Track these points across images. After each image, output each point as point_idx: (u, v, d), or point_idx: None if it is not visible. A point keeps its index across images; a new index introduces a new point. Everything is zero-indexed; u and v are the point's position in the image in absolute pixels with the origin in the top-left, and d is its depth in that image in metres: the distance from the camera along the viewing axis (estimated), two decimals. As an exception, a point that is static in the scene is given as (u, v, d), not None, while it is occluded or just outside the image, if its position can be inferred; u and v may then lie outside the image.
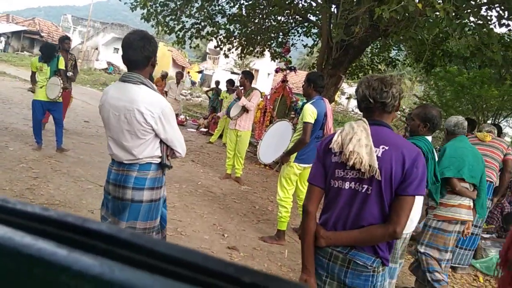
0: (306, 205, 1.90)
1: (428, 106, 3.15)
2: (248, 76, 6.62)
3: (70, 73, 6.79)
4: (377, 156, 1.73)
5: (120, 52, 2.30)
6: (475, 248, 4.82)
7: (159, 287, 0.24)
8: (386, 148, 1.74)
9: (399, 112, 18.84)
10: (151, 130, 2.22)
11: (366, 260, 1.78)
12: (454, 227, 3.52)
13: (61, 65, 6.00)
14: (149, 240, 0.28)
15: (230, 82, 10.51)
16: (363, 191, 1.75)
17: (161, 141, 2.31)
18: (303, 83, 4.31)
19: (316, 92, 4.20)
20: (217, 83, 13.25)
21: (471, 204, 3.55)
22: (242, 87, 6.56)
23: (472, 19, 5.98)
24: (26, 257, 0.26)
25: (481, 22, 5.76)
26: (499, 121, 11.76)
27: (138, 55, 2.21)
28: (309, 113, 4.00)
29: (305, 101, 6.09)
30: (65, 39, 7.04)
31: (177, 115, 10.33)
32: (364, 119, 1.85)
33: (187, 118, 13.37)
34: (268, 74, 33.18)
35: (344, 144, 1.78)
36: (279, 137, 4.92)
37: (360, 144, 1.74)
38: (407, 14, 5.37)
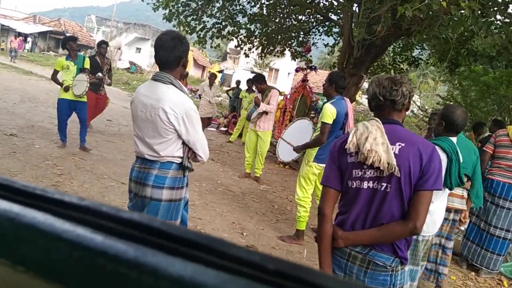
0: (322, 208, 1.90)
1: (452, 105, 3.12)
2: (259, 80, 6.58)
3: (104, 78, 6.95)
4: (394, 153, 1.74)
5: (143, 51, 2.37)
6: (503, 254, 4.66)
7: (188, 271, 0.25)
8: (403, 145, 1.75)
9: (421, 112, 18.54)
10: (173, 130, 2.26)
11: (385, 260, 1.77)
12: (448, 215, 3.56)
13: (87, 64, 6.15)
14: (178, 229, 0.30)
15: (250, 81, 10.42)
16: (382, 189, 1.76)
17: (184, 142, 2.34)
18: (324, 83, 4.29)
19: (336, 93, 4.18)
20: (238, 83, 13.29)
21: (464, 193, 3.61)
22: (259, 93, 6.55)
23: (498, 17, 5.83)
24: (67, 241, 0.28)
25: (508, 20, 5.61)
26: (527, 122, 11.40)
27: (169, 55, 2.25)
28: (328, 113, 3.98)
29: (325, 100, 6.05)
30: (102, 44, 7.21)
31: (210, 118, 10.31)
32: (377, 119, 1.86)
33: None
34: (288, 73, 33.10)
35: (360, 144, 1.78)
36: (298, 135, 4.91)
37: (376, 142, 1.75)
38: (430, 13, 5.28)
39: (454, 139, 2.93)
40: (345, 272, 1.87)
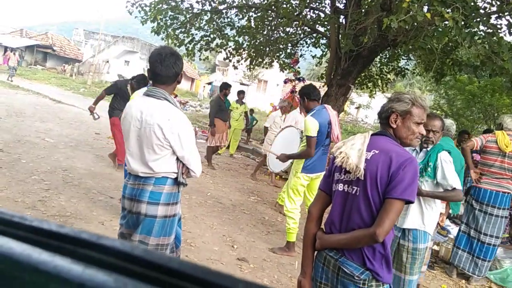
0: (309, 207, 2.02)
1: (435, 115, 3.22)
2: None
3: None
4: (366, 159, 1.79)
5: (131, 64, 2.35)
6: (492, 259, 4.71)
7: (171, 303, 0.24)
8: (376, 152, 1.80)
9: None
10: (168, 146, 2.23)
11: (353, 269, 1.76)
12: None
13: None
14: (162, 257, 0.29)
15: (240, 93, 10.35)
16: (353, 192, 1.81)
17: (178, 158, 2.31)
18: (299, 100, 4.35)
19: (314, 102, 4.20)
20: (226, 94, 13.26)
21: None
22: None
23: (481, 27, 5.96)
24: (44, 273, 0.27)
25: (491, 31, 5.73)
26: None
27: (168, 71, 2.23)
28: (311, 126, 3.99)
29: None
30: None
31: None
32: (371, 131, 1.98)
33: (197, 129, 13.44)
34: (277, 84, 33.28)
35: (339, 148, 1.91)
36: (287, 145, 4.90)
37: (352, 147, 1.83)
38: (415, 24, 5.38)
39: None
40: (322, 278, 1.88)
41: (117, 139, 6.11)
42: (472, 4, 5.39)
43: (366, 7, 7.34)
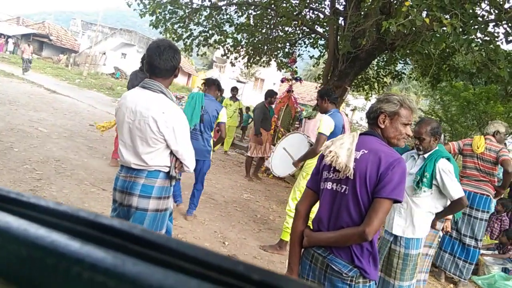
0: (297, 205, 2.04)
1: (429, 120, 3.23)
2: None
3: None
4: (355, 158, 1.81)
5: (128, 57, 2.33)
6: (475, 262, 4.78)
7: (170, 281, 0.24)
8: (366, 151, 1.82)
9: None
10: (162, 140, 2.21)
11: (342, 267, 1.78)
12: None
13: None
14: (160, 237, 0.28)
15: (233, 89, 10.33)
16: (342, 191, 1.82)
17: (171, 152, 2.30)
18: (317, 100, 4.33)
19: (332, 105, 4.19)
20: (221, 91, 13.22)
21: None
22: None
23: (479, 35, 6.00)
24: (41, 248, 0.27)
25: (488, 39, 5.78)
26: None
27: (167, 64, 2.21)
28: (326, 124, 3.97)
29: (309, 110, 6.08)
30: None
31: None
32: (359, 130, 2.00)
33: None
34: (274, 83, 33.30)
35: (328, 147, 1.92)
36: (296, 150, 4.73)
37: (342, 147, 1.85)
38: (414, 29, 5.40)
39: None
40: (309, 275, 1.90)
41: None
42: (471, 11, 5.42)
43: (366, 9, 7.36)
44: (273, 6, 9.29)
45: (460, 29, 5.15)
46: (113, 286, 0.24)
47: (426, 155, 3.05)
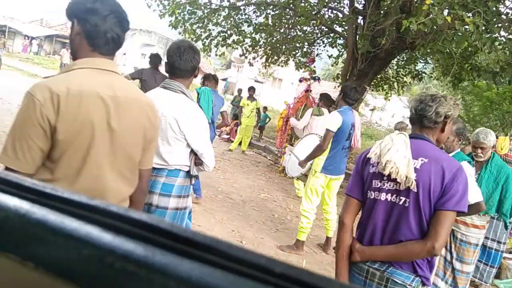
0: (342, 216, 1.88)
1: (455, 119, 3.17)
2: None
3: None
4: (415, 168, 1.70)
5: (147, 57, 2.35)
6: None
7: (196, 272, 0.26)
8: (425, 160, 1.71)
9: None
10: (183, 139, 2.24)
11: (405, 278, 1.72)
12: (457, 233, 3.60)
13: None
14: (187, 231, 0.30)
15: (251, 89, 10.29)
16: (401, 203, 1.72)
17: (191, 151, 2.33)
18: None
19: (345, 103, 4.18)
20: (239, 91, 13.31)
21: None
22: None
23: (503, 33, 5.88)
24: (77, 239, 0.29)
25: (512, 37, 5.66)
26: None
27: (187, 64, 2.24)
28: (334, 121, 3.99)
29: (315, 107, 6.08)
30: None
31: None
32: (404, 133, 1.84)
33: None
34: (292, 83, 33.23)
35: (382, 155, 1.78)
36: (308, 150, 4.82)
37: (398, 154, 1.72)
38: (435, 27, 5.32)
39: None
40: None
41: None
42: (494, 9, 5.31)
43: (385, 8, 7.30)
44: (291, 5, 9.28)
45: (483, 28, 5.04)
46: (143, 275, 0.26)
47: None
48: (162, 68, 4.50)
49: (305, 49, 11.26)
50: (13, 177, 0.36)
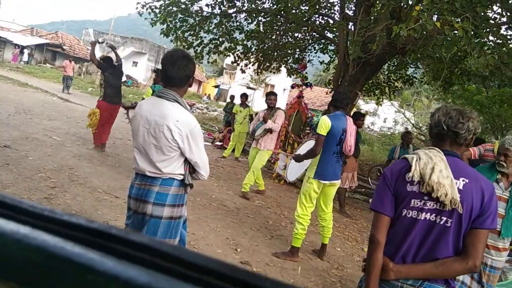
0: (375, 235, 1.82)
1: None
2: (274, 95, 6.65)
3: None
4: (458, 188, 1.71)
5: (139, 65, 2.36)
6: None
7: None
8: (466, 180, 1.72)
9: (415, 130, 18.62)
10: (177, 148, 2.24)
11: None
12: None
13: None
14: (188, 252, 0.30)
15: (243, 96, 10.34)
16: (442, 223, 1.73)
17: (185, 160, 2.32)
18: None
19: (335, 108, 4.22)
20: (232, 97, 13.31)
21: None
22: (266, 110, 6.57)
23: (491, 38, 5.96)
24: (79, 265, 0.28)
25: (501, 41, 5.73)
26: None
27: (180, 73, 2.25)
28: (323, 125, 4.04)
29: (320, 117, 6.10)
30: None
31: None
32: (437, 149, 1.82)
33: (203, 131, 13.47)
34: (284, 89, 33.35)
35: (425, 174, 1.73)
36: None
37: (442, 175, 1.71)
38: (425, 33, 5.38)
39: None
40: None
41: (100, 122, 6.99)
42: (482, 14, 5.39)
43: (375, 14, 7.37)
44: (282, 12, 9.34)
45: (472, 32, 5.11)
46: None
47: None
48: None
49: (296, 56, 11.32)
50: (9, 199, 0.35)
